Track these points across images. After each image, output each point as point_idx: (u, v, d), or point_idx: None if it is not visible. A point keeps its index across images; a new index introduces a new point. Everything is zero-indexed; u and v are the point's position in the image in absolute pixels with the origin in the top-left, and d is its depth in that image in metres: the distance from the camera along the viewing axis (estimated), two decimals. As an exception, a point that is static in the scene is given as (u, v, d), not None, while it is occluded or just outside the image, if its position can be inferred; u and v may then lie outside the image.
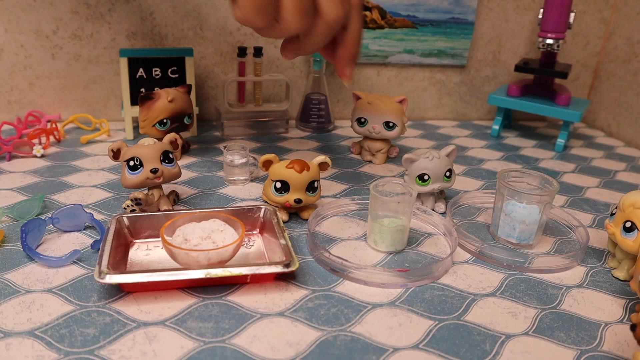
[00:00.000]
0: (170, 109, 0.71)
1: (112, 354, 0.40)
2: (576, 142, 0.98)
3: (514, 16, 1.01)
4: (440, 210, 0.65)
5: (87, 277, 0.48)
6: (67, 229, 0.56)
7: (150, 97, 0.70)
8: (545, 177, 0.60)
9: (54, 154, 0.76)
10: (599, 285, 0.53)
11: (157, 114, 0.70)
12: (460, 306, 0.48)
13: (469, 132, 1.00)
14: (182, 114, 0.73)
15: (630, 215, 0.51)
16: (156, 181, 0.57)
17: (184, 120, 0.74)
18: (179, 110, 0.72)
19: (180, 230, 0.50)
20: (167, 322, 0.43)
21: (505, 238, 0.59)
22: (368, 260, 0.54)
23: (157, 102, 0.70)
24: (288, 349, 0.41)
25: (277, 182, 0.57)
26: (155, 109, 0.70)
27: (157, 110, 0.70)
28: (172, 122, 0.72)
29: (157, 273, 0.45)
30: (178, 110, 0.72)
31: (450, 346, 0.43)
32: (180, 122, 0.73)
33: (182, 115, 0.73)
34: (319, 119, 0.92)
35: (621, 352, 0.44)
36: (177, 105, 0.72)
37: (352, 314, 0.46)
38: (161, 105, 0.70)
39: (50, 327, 0.42)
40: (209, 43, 0.91)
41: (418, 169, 0.62)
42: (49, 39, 0.84)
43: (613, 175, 0.83)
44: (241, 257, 0.53)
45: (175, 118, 0.72)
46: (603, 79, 1.07)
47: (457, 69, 1.04)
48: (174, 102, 0.71)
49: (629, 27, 1.00)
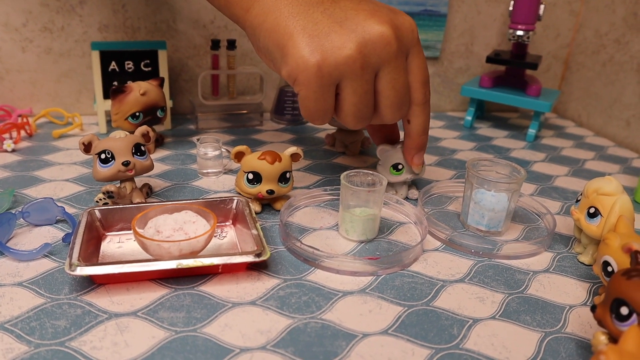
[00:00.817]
0: (143, 102, 0.71)
1: (83, 345, 0.40)
2: (547, 132, 1.00)
3: (486, 8, 1.03)
4: (414, 197, 0.66)
5: (58, 270, 0.48)
6: (38, 223, 0.56)
7: (122, 91, 0.70)
8: (514, 165, 0.61)
9: (25, 148, 0.76)
10: (564, 270, 0.54)
11: (129, 107, 0.70)
12: (430, 292, 0.49)
13: (443, 123, 1.01)
14: (155, 107, 0.73)
15: (593, 201, 0.53)
16: (128, 174, 0.56)
17: (157, 113, 0.73)
18: (151, 103, 0.72)
19: (152, 222, 0.50)
20: (138, 313, 0.43)
21: (474, 226, 0.60)
22: (339, 249, 0.55)
23: (129, 95, 0.70)
24: (259, 337, 0.42)
25: (249, 173, 0.58)
26: (127, 102, 0.70)
27: (129, 103, 0.70)
28: (144, 115, 0.72)
29: (128, 264, 0.45)
30: (150, 103, 0.72)
31: (418, 331, 0.44)
32: (153, 115, 0.73)
33: (155, 108, 0.73)
34: (294, 112, 0.92)
35: (584, 333, 0.45)
36: (149, 98, 0.71)
37: (323, 302, 0.46)
38: (133, 98, 0.70)
39: (21, 320, 0.42)
40: (182, 36, 0.90)
41: (393, 159, 0.64)
42: (18, 32, 0.83)
43: (582, 164, 0.85)
44: (214, 248, 0.53)
45: (147, 111, 0.72)
46: (573, 70, 1.10)
47: (430, 60, 1.05)
48: (146, 95, 0.71)
49: (598, 19, 1.02)
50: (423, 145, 0.62)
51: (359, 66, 0.51)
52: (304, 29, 0.51)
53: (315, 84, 0.51)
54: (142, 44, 0.81)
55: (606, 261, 0.45)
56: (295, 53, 0.50)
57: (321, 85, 0.51)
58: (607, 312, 0.39)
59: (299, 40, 0.50)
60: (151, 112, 0.72)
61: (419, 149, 0.62)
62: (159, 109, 0.73)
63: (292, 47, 0.51)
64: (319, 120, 0.55)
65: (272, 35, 0.52)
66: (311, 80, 0.51)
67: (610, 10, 0.99)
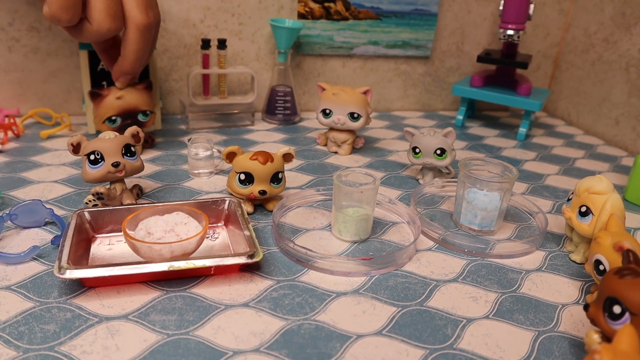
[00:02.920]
0: (118, 106, 0.70)
1: (73, 350, 0.39)
2: (537, 131, 1.00)
3: (476, 7, 1.03)
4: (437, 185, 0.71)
5: (47, 273, 0.48)
6: (26, 225, 0.55)
7: (98, 94, 0.70)
8: (506, 165, 0.61)
9: (13, 149, 0.75)
10: (556, 269, 0.55)
11: (105, 111, 0.70)
12: (423, 292, 0.49)
13: (434, 122, 1.01)
14: (134, 111, 0.71)
15: (585, 200, 0.53)
16: (118, 175, 0.56)
17: (138, 117, 0.72)
18: (128, 107, 0.70)
19: (143, 224, 0.50)
20: (129, 316, 0.43)
21: (467, 225, 0.60)
22: (332, 250, 0.54)
23: (106, 99, 0.70)
24: (252, 339, 0.41)
25: (241, 174, 0.57)
26: (103, 106, 0.70)
27: (105, 107, 0.70)
28: (122, 119, 0.70)
29: (118, 267, 0.44)
30: (128, 108, 0.70)
31: (412, 331, 0.44)
32: (134, 119, 0.71)
33: (135, 113, 0.71)
34: (285, 111, 0.92)
35: (576, 331, 0.45)
36: (125, 102, 0.70)
37: (317, 303, 0.46)
38: (109, 102, 0.69)
39: (9, 324, 0.41)
40: (172, 35, 0.90)
41: (413, 143, 0.69)
42: (4, 31, 0.82)
43: (572, 163, 0.85)
44: (206, 250, 0.52)
45: (125, 115, 0.71)
46: (563, 69, 1.10)
47: (421, 60, 1.05)
48: (121, 99, 0.70)
49: (587, 19, 1.03)
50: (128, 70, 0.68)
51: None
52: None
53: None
54: (131, 44, 0.80)
55: (598, 260, 0.45)
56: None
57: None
58: (600, 311, 0.39)
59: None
60: (130, 116, 0.71)
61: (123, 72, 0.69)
62: (140, 112, 0.72)
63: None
64: (67, 13, 0.57)
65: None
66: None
67: (599, 10, 1.00)
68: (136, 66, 0.68)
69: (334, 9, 0.95)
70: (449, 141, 0.68)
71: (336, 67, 1.01)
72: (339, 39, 0.97)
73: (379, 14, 0.98)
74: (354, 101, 0.76)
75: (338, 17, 0.96)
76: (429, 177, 0.71)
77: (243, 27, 0.92)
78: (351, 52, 0.99)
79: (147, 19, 0.64)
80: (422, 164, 0.69)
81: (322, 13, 0.95)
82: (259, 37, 0.94)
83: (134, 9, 0.63)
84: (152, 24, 0.65)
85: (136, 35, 0.64)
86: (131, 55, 0.66)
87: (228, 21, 0.91)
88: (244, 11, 0.91)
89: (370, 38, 0.99)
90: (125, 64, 0.67)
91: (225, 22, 0.91)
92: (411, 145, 0.70)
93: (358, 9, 0.96)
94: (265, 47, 0.95)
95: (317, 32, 0.96)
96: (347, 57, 1.00)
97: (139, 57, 0.67)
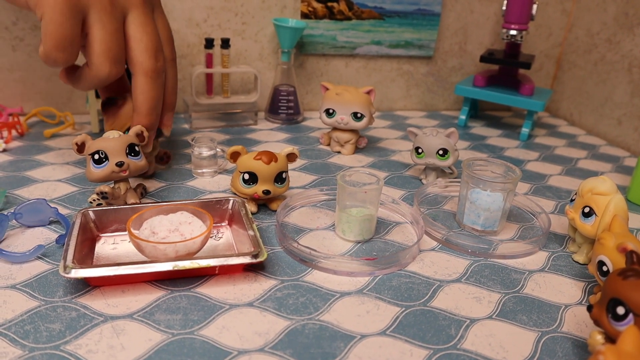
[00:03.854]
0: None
1: (79, 349, 0.39)
2: (540, 131, 1.00)
3: (479, 7, 1.03)
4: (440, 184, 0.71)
5: (52, 272, 0.48)
6: (31, 224, 0.55)
7: (114, 103, 0.63)
8: (509, 165, 0.61)
9: (17, 148, 0.75)
10: (559, 269, 0.55)
11: (125, 121, 0.63)
12: (427, 292, 0.49)
13: (437, 122, 1.01)
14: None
15: (588, 200, 0.53)
16: (122, 174, 0.56)
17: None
18: None
19: (148, 223, 0.50)
20: (134, 316, 0.43)
21: (470, 225, 0.60)
22: (336, 250, 0.54)
23: (123, 109, 0.63)
24: (257, 339, 0.41)
25: (245, 173, 0.57)
26: (122, 116, 0.63)
27: (125, 116, 0.63)
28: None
29: (123, 266, 0.44)
30: None
31: (416, 332, 0.44)
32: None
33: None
34: (288, 111, 0.92)
35: (580, 332, 0.45)
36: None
37: (321, 303, 0.46)
38: (128, 111, 0.63)
39: (14, 323, 0.41)
40: (176, 35, 0.90)
41: (415, 143, 0.69)
42: (8, 30, 0.82)
43: (575, 163, 0.85)
44: (210, 249, 0.53)
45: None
46: (565, 69, 1.10)
47: (424, 60, 1.05)
48: None
49: (589, 19, 1.03)
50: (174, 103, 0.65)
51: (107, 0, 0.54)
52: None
53: (61, 4, 0.51)
54: (134, 43, 0.80)
55: (601, 261, 0.45)
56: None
57: (68, 7, 0.51)
58: (604, 312, 0.39)
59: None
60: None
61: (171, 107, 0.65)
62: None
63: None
64: (63, 53, 0.52)
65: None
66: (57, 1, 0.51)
67: (602, 10, 1.00)
68: (152, 118, 0.60)
69: (337, 9, 0.95)
70: (452, 141, 0.68)
71: (339, 67, 1.01)
72: (342, 39, 0.98)
73: (382, 13, 0.98)
74: (357, 101, 0.76)
75: (341, 16, 0.96)
76: (432, 177, 0.71)
77: (246, 26, 0.93)
78: (354, 51, 0.99)
79: (156, 64, 0.58)
80: (425, 164, 0.69)
81: (325, 13, 0.95)
82: (262, 36, 0.94)
83: (141, 54, 0.57)
84: (161, 69, 0.59)
85: (145, 83, 0.58)
86: (144, 107, 0.59)
87: (231, 21, 0.91)
88: (247, 11, 0.92)
89: (373, 38, 0.99)
90: (140, 119, 0.59)
91: (229, 21, 0.91)
92: (414, 145, 0.70)
93: (361, 8, 0.96)
94: (269, 46, 0.95)
95: (320, 32, 0.96)
96: (350, 57, 1.00)
97: (152, 106, 0.59)
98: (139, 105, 0.59)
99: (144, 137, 0.59)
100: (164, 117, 0.64)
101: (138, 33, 0.57)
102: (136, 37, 0.57)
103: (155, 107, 0.59)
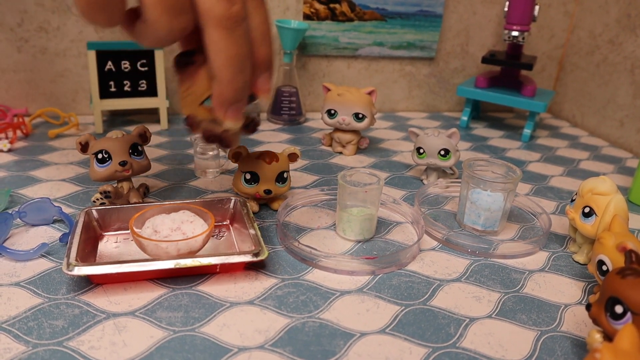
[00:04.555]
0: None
1: (81, 345, 0.40)
2: (542, 132, 1.00)
3: (481, 9, 1.03)
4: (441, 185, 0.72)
5: (55, 270, 0.48)
6: (35, 223, 0.56)
7: (190, 60, 0.45)
8: (510, 165, 0.62)
9: (22, 148, 0.75)
10: (560, 269, 0.55)
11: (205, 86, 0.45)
12: (427, 292, 0.49)
13: (439, 123, 1.02)
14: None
15: (588, 201, 0.53)
16: (125, 174, 0.56)
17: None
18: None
19: (150, 222, 0.50)
20: (136, 313, 0.43)
21: (470, 225, 0.60)
22: (337, 249, 0.55)
23: (202, 71, 0.45)
24: (257, 336, 0.42)
25: (247, 173, 0.58)
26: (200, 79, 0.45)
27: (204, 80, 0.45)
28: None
29: (126, 264, 0.45)
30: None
31: (415, 330, 0.44)
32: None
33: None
34: (290, 112, 0.93)
35: (579, 331, 0.46)
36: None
37: (321, 301, 0.47)
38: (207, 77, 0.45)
39: (18, 320, 0.42)
40: (179, 36, 0.90)
41: (417, 143, 0.69)
42: (13, 31, 0.83)
43: (577, 164, 0.85)
44: (211, 248, 0.53)
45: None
46: (568, 70, 1.10)
47: (426, 61, 1.05)
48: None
49: (592, 20, 1.03)
50: (271, 58, 0.46)
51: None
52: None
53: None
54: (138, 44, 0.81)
55: (601, 260, 0.46)
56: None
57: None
58: (602, 310, 0.39)
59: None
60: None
61: (269, 64, 0.47)
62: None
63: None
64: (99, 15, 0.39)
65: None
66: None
67: (604, 11, 1.00)
68: (238, 85, 0.42)
69: (339, 10, 0.96)
70: (453, 142, 0.68)
71: (341, 68, 1.01)
72: (344, 40, 0.98)
73: (384, 15, 0.98)
74: (359, 102, 0.76)
75: (343, 18, 0.96)
76: (433, 177, 0.72)
77: (249, 27, 0.93)
78: (356, 53, 1.00)
79: (231, 8, 0.40)
80: (426, 164, 0.70)
81: (327, 14, 0.95)
82: (264, 37, 0.94)
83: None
84: (239, 15, 0.40)
85: (220, 38, 0.40)
86: (224, 72, 0.41)
87: (234, 22, 0.92)
88: (250, 12, 0.92)
89: (375, 39, 0.99)
90: (221, 89, 0.43)
91: (232, 22, 0.92)
92: (415, 145, 0.70)
93: (363, 10, 0.97)
94: (271, 47, 0.96)
95: (322, 33, 0.96)
96: (352, 58, 1.01)
97: (235, 68, 0.41)
98: (216, 70, 0.42)
99: (146, 137, 0.59)
100: (256, 78, 0.46)
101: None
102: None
103: (239, 70, 0.42)
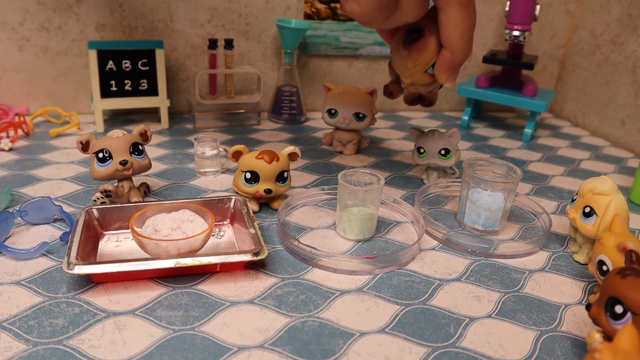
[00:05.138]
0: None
1: (82, 344, 0.40)
2: (543, 132, 1.00)
3: (482, 8, 1.03)
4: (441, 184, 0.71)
5: (56, 268, 0.48)
6: (36, 222, 0.56)
7: (420, 36, 0.51)
8: (510, 165, 0.62)
9: (23, 147, 0.76)
10: (560, 269, 0.55)
11: (432, 55, 0.52)
12: (426, 291, 0.49)
13: (440, 123, 1.01)
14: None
15: (589, 200, 0.53)
16: (125, 173, 0.57)
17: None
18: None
19: (150, 221, 0.50)
20: (136, 312, 0.44)
21: (471, 225, 0.60)
22: (337, 249, 0.55)
23: (431, 41, 0.51)
24: (257, 335, 0.42)
25: (247, 172, 0.58)
26: (429, 50, 0.52)
27: (432, 51, 0.52)
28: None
29: (126, 263, 0.45)
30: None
31: (415, 329, 0.44)
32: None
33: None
34: (291, 111, 0.93)
35: (579, 331, 0.46)
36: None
37: (321, 301, 0.47)
38: (435, 44, 0.52)
39: (19, 318, 0.42)
40: (180, 35, 0.90)
41: (417, 143, 0.69)
42: (15, 30, 0.83)
43: (577, 164, 0.85)
44: (212, 247, 0.53)
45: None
46: (569, 70, 1.10)
47: (427, 60, 1.05)
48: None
49: (593, 20, 1.03)
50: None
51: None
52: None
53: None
54: (139, 44, 0.81)
55: (601, 260, 0.45)
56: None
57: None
58: (602, 310, 0.39)
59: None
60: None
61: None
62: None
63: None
64: (380, 14, 0.45)
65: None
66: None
67: (606, 11, 1.00)
68: (469, 50, 0.50)
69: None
70: (454, 142, 0.68)
71: (342, 68, 1.01)
72: (345, 40, 0.98)
73: (385, 14, 0.98)
74: (360, 101, 0.76)
75: (344, 17, 0.96)
76: (434, 177, 0.72)
77: (250, 27, 0.93)
78: (357, 52, 1.00)
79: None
80: (427, 164, 0.70)
81: (328, 13, 0.95)
82: (265, 37, 0.95)
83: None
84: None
85: (460, 15, 0.47)
86: (460, 42, 0.49)
87: (235, 21, 0.92)
88: (250, 12, 0.92)
89: (376, 39, 0.99)
90: (454, 56, 0.50)
91: (232, 22, 0.92)
92: (416, 145, 0.70)
93: (364, 9, 0.97)
94: (272, 47, 0.96)
95: (323, 33, 0.96)
96: (353, 58, 1.01)
97: (469, 37, 0.49)
98: (454, 41, 0.49)
99: (147, 136, 0.59)
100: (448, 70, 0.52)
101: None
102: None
103: (471, 38, 0.49)
